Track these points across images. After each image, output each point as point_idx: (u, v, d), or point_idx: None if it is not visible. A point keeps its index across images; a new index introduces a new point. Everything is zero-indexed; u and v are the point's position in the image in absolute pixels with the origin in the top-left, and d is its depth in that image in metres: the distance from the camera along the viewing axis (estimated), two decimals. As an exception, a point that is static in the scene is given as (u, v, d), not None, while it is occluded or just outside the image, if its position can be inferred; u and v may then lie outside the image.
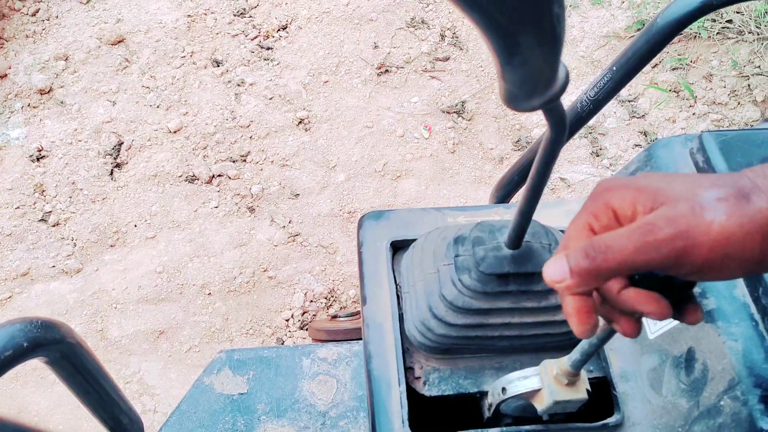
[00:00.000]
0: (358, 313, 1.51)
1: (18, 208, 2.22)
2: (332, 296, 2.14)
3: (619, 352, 0.71)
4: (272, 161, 2.35)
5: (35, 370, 1.96)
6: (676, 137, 0.74)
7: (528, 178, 0.57)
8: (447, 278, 0.68)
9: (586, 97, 0.86)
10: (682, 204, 0.45)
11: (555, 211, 0.83)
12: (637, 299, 0.50)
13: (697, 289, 0.65)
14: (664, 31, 0.77)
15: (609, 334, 0.56)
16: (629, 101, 2.58)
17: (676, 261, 0.45)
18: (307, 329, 2.05)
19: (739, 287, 0.64)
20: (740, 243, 0.44)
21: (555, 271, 0.49)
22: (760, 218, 0.44)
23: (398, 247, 0.81)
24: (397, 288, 0.77)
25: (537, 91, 0.45)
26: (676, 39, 2.72)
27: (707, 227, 0.44)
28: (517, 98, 0.46)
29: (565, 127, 0.50)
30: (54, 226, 2.20)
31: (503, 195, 1.05)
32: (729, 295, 0.64)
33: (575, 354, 0.59)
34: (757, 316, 0.62)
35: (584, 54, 2.68)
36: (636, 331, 0.51)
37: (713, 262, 0.45)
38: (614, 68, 0.83)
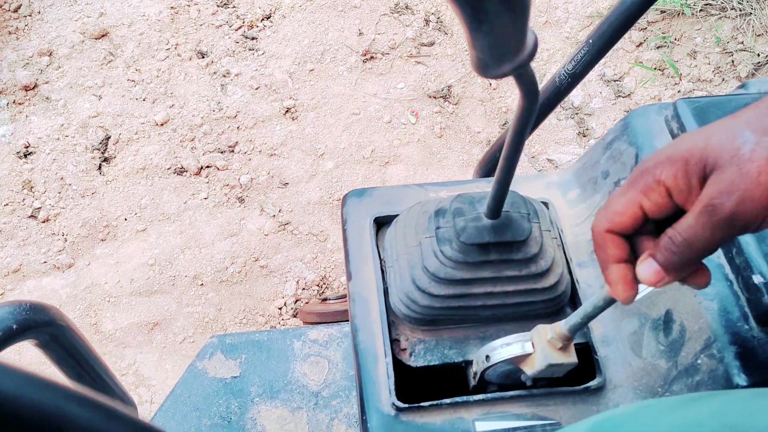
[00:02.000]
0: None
1: (7, 204, 2.21)
2: (324, 283, 2.15)
3: (600, 317, 0.73)
4: (260, 151, 2.35)
5: (31, 365, 1.97)
6: (652, 106, 0.75)
7: (503, 148, 0.58)
8: (429, 250, 0.70)
9: (564, 71, 0.87)
10: (729, 168, 0.45)
11: (536, 183, 0.84)
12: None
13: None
14: (637, 3, 0.78)
15: (613, 299, 0.56)
16: (615, 81, 2.60)
17: (746, 227, 0.46)
18: (297, 316, 2.06)
19: (714, 249, 0.65)
20: None
21: (649, 273, 0.50)
22: None
23: (382, 223, 0.82)
24: (381, 263, 0.79)
25: (506, 58, 0.46)
26: (660, 17, 2.73)
27: (758, 181, 0.44)
28: (488, 65, 0.47)
29: (536, 93, 0.51)
30: (44, 222, 2.20)
31: (486, 172, 1.06)
32: (704, 257, 0.65)
33: (575, 318, 0.60)
34: (731, 276, 0.63)
35: (569, 35, 2.68)
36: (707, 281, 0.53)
37: None
38: (590, 41, 0.84)
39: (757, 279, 0.60)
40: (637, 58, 2.61)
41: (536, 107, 0.54)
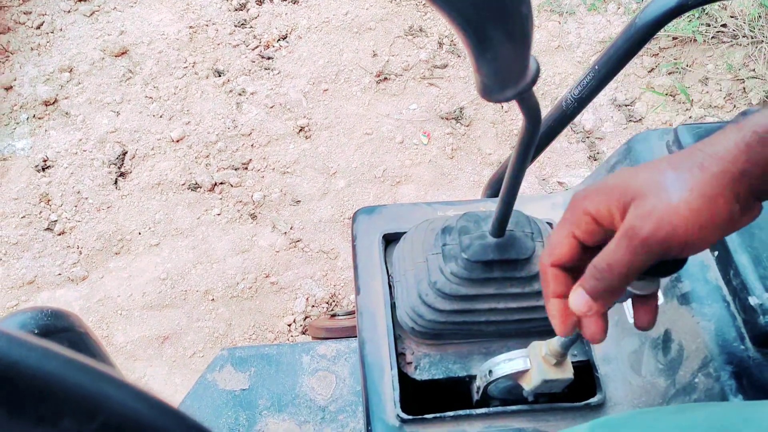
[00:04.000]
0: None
1: (24, 217, 2.26)
2: (333, 301, 2.17)
3: (602, 336, 0.74)
4: (273, 168, 2.38)
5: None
6: (654, 131, 0.77)
7: (507, 169, 0.60)
8: (435, 266, 0.72)
9: (571, 95, 0.89)
10: (649, 197, 0.49)
11: (542, 203, 0.87)
12: None
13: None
14: (642, 30, 0.80)
15: None
16: (626, 105, 2.62)
17: (664, 250, 0.49)
18: (308, 333, 2.08)
19: (712, 270, 0.67)
20: (708, 211, 0.47)
21: (579, 303, 0.53)
22: (717, 183, 0.47)
23: (390, 239, 0.84)
24: (389, 278, 0.81)
25: (510, 84, 0.49)
26: (671, 44, 2.76)
27: (677, 208, 0.48)
28: (492, 90, 0.50)
29: (538, 117, 0.54)
30: (60, 234, 2.24)
31: (493, 192, 1.09)
32: (702, 278, 0.67)
33: None
34: (728, 297, 0.65)
35: (581, 59, 2.71)
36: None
37: (693, 237, 0.48)
38: (596, 67, 0.86)
39: (753, 300, 0.61)
40: (648, 83, 2.63)
41: (539, 130, 0.56)
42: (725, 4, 2.70)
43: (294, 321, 2.12)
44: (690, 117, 2.54)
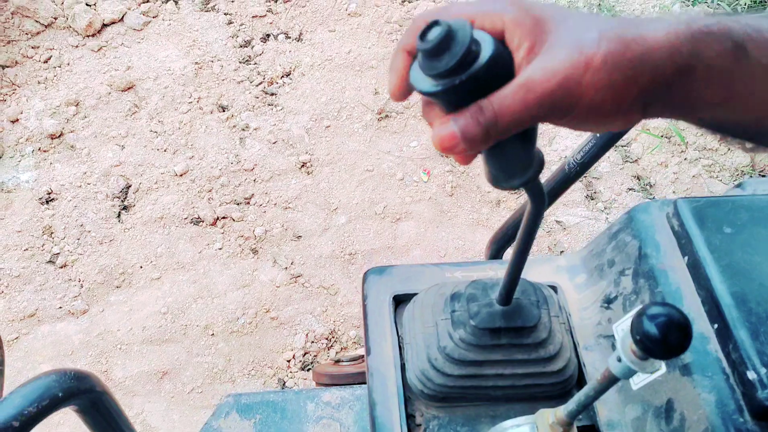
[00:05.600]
0: (360, 357, 1.56)
1: (27, 249, 2.27)
2: (333, 337, 2.19)
3: (606, 402, 0.77)
4: (275, 204, 2.41)
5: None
6: (654, 202, 0.80)
7: (514, 244, 0.63)
8: (444, 332, 0.74)
9: (573, 160, 0.93)
10: (561, 51, 0.45)
11: (546, 267, 0.89)
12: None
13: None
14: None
15: (604, 388, 0.61)
16: (622, 146, 2.67)
17: (560, 110, 0.46)
18: (308, 369, 2.10)
19: (712, 343, 0.70)
20: (623, 84, 0.44)
21: (445, 136, 0.47)
22: (639, 63, 0.44)
23: (400, 300, 0.87)
24: (399, 339, 0.83)
25: (516, 174, 0.53)
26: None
27: (589, 61, 0.44)
28: (499, 180, 0.53)
29: (543, 201, 0.57)
30: (61, 267, 2.26)
31: (497, 249, 1.12)
32: (703, 351, 0.69)
33: (571, 404, 0.65)
34: (728, 370, 0.68)
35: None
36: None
37: (594, 102, 0.45)
38: (598, 135, 0.90)
39: (751, 375, 0.64)
40: (644, 125, 2.68)
41: (543, 211, 0.60)
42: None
43: (293, 357, 2.14)
44: (685, 159, 2.59)
